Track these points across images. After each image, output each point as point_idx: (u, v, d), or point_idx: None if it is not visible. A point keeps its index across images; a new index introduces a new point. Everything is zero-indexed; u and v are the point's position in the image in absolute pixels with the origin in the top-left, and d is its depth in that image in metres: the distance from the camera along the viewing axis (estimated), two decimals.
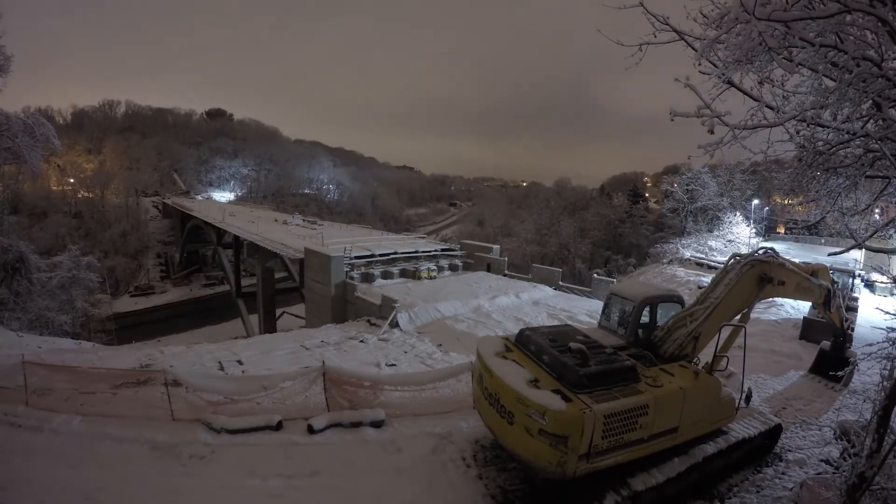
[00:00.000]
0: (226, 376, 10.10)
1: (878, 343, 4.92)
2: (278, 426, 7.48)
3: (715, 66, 4.23)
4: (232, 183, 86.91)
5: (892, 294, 22.98)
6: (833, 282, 9.54)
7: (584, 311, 18.55)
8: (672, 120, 4.00)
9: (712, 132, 3.91)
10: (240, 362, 11.86)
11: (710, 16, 4.19)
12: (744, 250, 30.46)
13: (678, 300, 7.51)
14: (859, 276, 23.83)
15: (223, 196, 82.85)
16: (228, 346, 14.34)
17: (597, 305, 18.10)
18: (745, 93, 4.20)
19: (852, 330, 12.06)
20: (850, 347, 10.97)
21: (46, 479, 6.07)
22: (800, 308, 17.10)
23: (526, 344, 6.59)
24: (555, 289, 22.98)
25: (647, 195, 74.34)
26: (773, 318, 17.95)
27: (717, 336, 6.74)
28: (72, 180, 68.33)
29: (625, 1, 4.31)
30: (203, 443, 7.03)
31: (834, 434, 7.76)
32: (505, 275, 25.49)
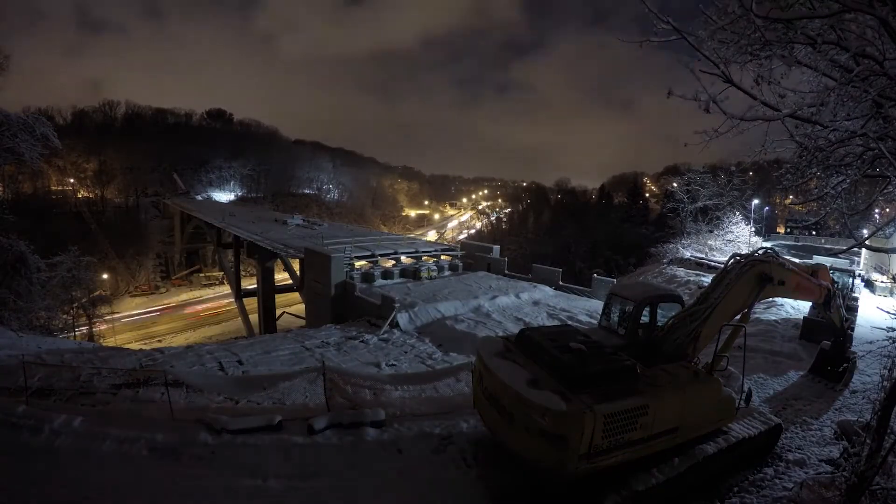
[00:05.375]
0: (226, 376, 10.10)
1: (878, 342, 4.92)
2: (278, 426, 7.47)
3: (715, 64, 4.22)
4: (232, 183, 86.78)
5: (892, 294, 22.95)
6: (833, 282, 9.53)
7: (584, 311, 18.54)
8: (668, 97, 4.02)
9: (708, 111, 3.93)
10: (240, 362, 11.85)
11: (710, 11, 4.20)
12: (744, 250, 30.44)
13: (678, 300, 7.52)
14: (859, 275, 23.80)
15: (223, 196, 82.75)
16: (228, 346, 14.33)
17: (597, 305, 18.08)
18: (744, 91, 4.20)
19: (852, 330, 12.04)
20: (850, 347, 10.95)
21: (46, 479, 6.06)
22: (800, 308, 17.07)
23: (526, 344, 6.58)
24: (555, 289, 22.97)
25: (647, 195, 74.41)
26: (773, 318, 17.93)
27: (717, 336, 6.74)
28: (72, 180, 68.30)
29: None
30: (203, 443, 7.02)
31: (834, 434, 7.77)
32: (505, 275, 25.49)
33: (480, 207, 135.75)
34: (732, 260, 7.46)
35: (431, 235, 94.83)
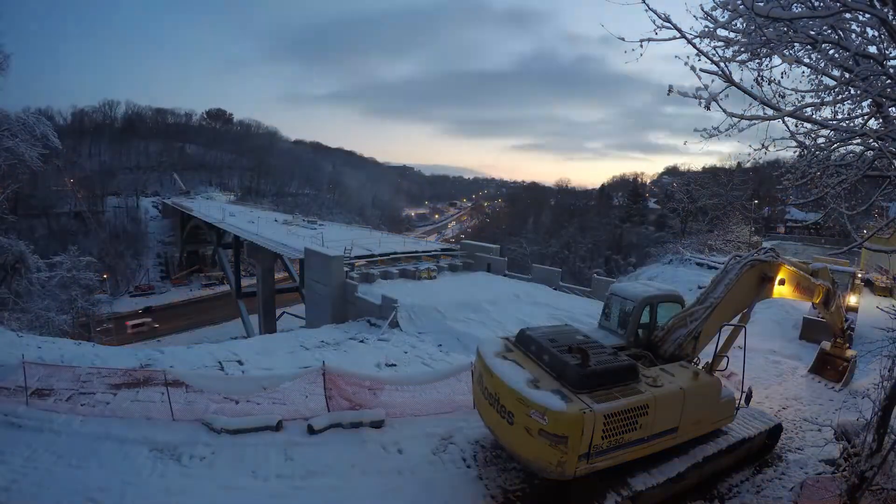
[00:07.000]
0: (226, 376, 10.10)
1: (878, 342, 4.92)
2: (278, 426, 7.47)
3: (715, 63, 4.22)
4: (232, 183, 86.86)
5: (891, 294, 22.94)
6: (833, 282, 9.52)
7: (584, 311, 18.51)
8: (669, 94, 4.03)
9: (708, 108, 3.95)
10: (240, 362, 11.85)
11: (709, 9, 4.21)
12: (744, 250, 30.37)
13: (678, 300, 7.51)
14: (859, 275, 23.78)
15: (223, 196, 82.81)
16: (228, 346, 14.33)
17: (597, 305, 18.05)
18: (744, 90, 4.20)
19: (852, 330, 12.04)
20: (850, 347, 10.95)
21: (47, 479, 6.06)
22: (800, 308, 17.07)
23: (526, 344, 6.58)
24: (555, 289, 22.95)
25: (647, 195, 74.40)
26: (773, 318, 17.92)
27: (717, 336, 6.74)
28: (72, 180, 68.30)
29: None
30: (203, 443, 7.02)
31: (834, 434, 7.76)
32: (505, 275, 25.47)
33: (480, 207, 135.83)
34: (732, 260, 7.46)
35: (431, 235, 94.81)
